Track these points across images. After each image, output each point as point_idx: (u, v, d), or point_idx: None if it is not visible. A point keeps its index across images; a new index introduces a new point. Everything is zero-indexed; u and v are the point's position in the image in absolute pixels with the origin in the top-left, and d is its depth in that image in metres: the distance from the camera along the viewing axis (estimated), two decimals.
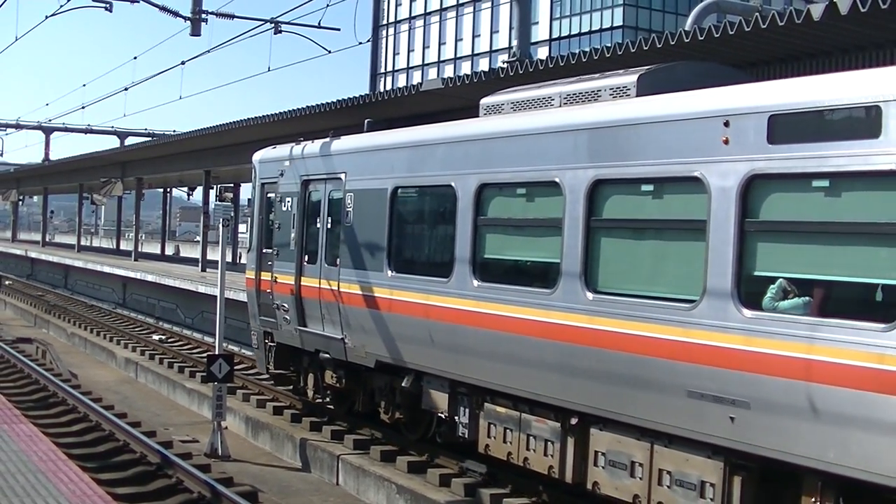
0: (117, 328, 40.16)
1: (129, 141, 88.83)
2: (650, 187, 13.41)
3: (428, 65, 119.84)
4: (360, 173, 19.60)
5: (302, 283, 21.12)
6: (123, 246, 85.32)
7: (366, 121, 21.58)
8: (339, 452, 19.46)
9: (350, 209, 19.67)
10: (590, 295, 13.84)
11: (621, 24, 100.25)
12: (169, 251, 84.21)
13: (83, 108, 68.56)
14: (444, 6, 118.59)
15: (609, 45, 20.44)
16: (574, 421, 14.51)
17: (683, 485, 12.71)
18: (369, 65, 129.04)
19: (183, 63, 33.58)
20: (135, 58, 42.09)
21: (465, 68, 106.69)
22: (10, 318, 48.65)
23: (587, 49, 20.93)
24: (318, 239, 20.87)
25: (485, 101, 17.31)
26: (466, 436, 17.00)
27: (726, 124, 12.10)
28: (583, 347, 13.98)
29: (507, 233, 16.45)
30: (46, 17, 31.76)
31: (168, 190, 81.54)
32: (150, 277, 49.51)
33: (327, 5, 26.61)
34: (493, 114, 16.85)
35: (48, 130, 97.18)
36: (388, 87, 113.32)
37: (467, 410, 16.95)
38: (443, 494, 16.81)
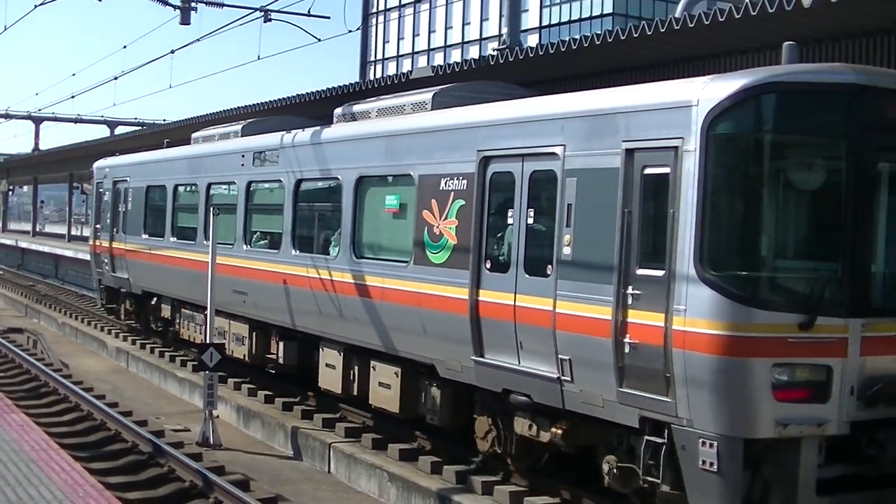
0: (108, 317, 40.08)
1: (119, 130, 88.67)
2: (225, 187, 25.87)
3: (418, 53, 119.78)
4: (137, 177, 31.78)
5: (112, 246, 33.22)
6: None
7: (165, 141, 33.95)
8: (330, 440, 19.50)
9: (130, 199, 31.88)
10: (206, 242, 23.78)
11: (611, 11, 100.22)
12: None
13: (73, 97, 68.29)
14: None
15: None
16: (205, 313, 23.93)
17: (238, 339, 24.33)
18: (359, 53, 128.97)
19: (172, 52, 33.39)
20: (124, 47, 41.88)
21: (455, 56, 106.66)
22: (0, 308, 48.58)
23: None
24: (117, 218, 32.86)
25: (195, 135, 29.37)
26: (178, 329, 28.83)
27: (243, 156, 24.12)
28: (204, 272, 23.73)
29: (189, 211, 27.80)
30: (36, 7, 31.55)
31: None
32: None
33: None
34: (202, 142, 28.66)
35: (38, 120, 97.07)
36: (379, 75, 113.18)
37: (178, 315, 28.78)
38: (434, 482, 16.85)
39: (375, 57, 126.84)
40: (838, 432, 12.29)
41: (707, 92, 12.47)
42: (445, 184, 16.48)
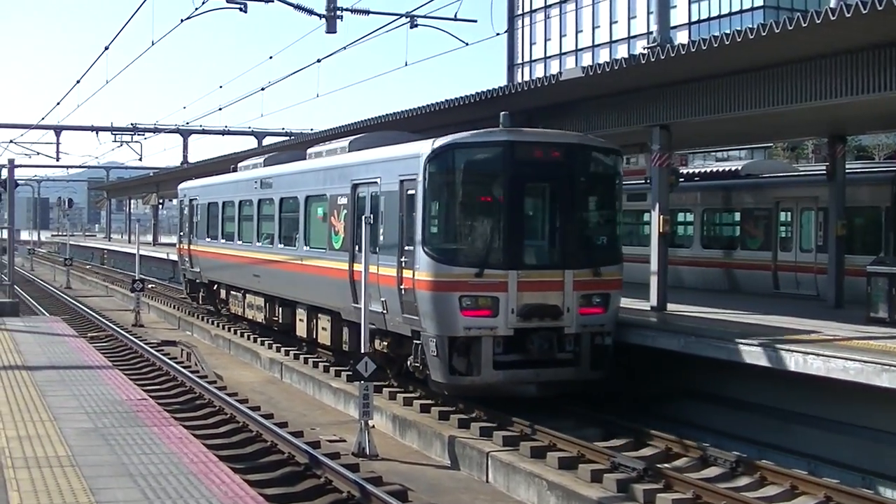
0: (261, 328, 40.36)
1: (267, 141, 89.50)
2: (248, 203, 37.04)
3: (565, 53, 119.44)
4: (203, 196, 43.19)
5: (191, 248, 44.42)
6: None
7: (231, 167, 42.79)
8: (488, 449, 19.33)
9: (200, 212, 43.21)
10: (239, 242, 37.24)
11: (762, 4, 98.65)
12: None
13: (220, 109, 69.79)
14: None
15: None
16: (242, 292, 37.06)
17: (258, 308, 35.51)
18: (506, 56, 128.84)
19: (319, 61, 33.71)
20: (270, 57, 42.34)
21: (604, 56, 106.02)
22: (154, 321, 49.25)
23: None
24: (192, 226, 44.23)
25: (240, 164, 41.21)
26: (229, 307, 39.91)
27: (255, 181, 35.79)
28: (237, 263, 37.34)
29: (231, 220, 38.79)
30: (181, 21, 31.88)
31: None
32: None
33: None
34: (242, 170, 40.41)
35: (186, 133, 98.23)
36: (526, 77, 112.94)
37: (227, 294, 40.01)
38: (595, 490, 16.60)
39: (522, 59, 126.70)
40: (506, 334, 21.57)
41: (426, 148, 22.06)
42: (339, 200, 26.96)
